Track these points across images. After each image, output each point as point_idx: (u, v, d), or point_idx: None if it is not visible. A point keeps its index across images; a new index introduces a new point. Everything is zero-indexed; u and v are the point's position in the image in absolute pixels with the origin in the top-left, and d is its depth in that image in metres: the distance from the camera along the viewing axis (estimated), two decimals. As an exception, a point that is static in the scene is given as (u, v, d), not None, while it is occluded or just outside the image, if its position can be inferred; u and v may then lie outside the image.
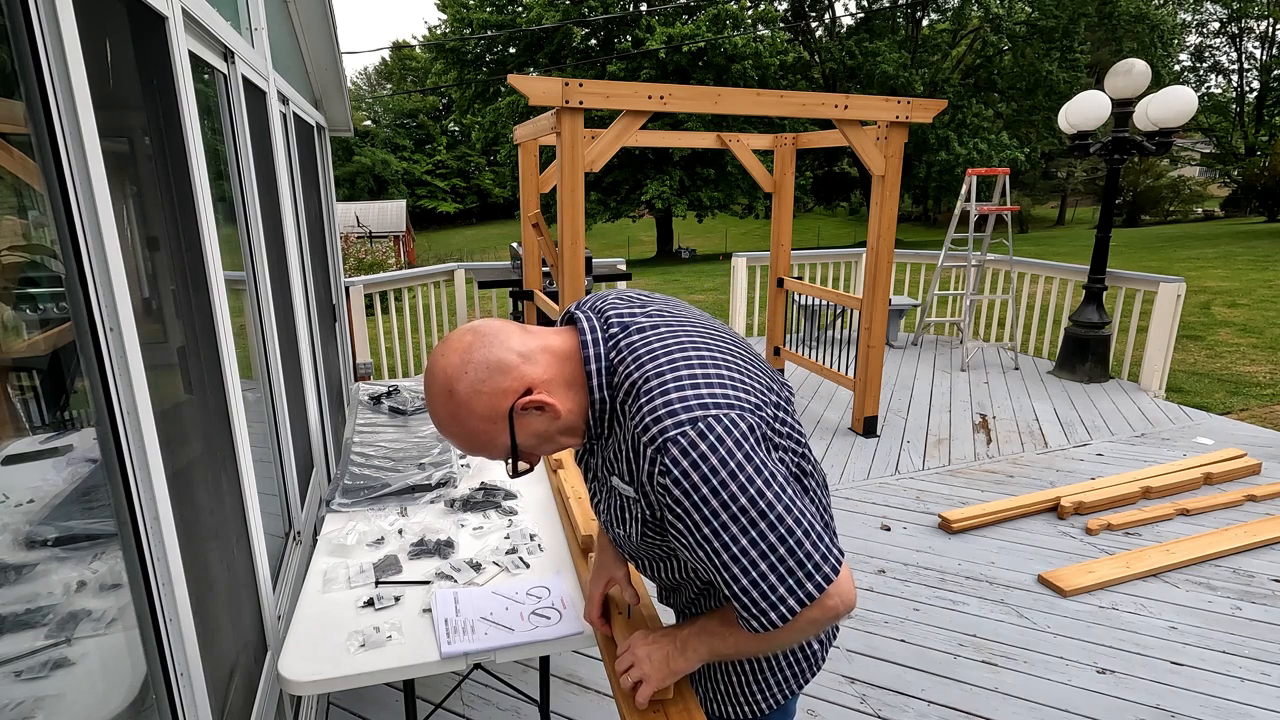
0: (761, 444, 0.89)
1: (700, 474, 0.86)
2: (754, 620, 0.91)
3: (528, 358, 0.93)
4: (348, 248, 14.17)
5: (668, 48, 20.95)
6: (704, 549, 0.90)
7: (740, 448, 0.86)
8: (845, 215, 39.68)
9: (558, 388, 0.95)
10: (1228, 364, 6.94)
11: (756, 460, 0.87)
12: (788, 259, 5.50)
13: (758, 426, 0.90)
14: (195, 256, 1.29)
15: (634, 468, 0.93)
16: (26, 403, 0.95)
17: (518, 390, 0.92)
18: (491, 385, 0.90)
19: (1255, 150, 27.26)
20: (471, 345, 0.91)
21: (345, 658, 1.31)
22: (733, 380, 0.92)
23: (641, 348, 0.94)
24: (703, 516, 0.87)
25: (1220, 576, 3.01)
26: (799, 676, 1.17)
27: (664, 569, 1.15)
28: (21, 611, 0.79)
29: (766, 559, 0.88)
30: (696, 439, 0.85)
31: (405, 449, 2.17)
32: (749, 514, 0.87)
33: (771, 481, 0.88)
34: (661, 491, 0.89)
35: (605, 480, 1.05)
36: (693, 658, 1.06)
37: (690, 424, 0.86)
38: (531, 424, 0.94)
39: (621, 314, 1.00)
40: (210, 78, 1.56)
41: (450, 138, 49.66)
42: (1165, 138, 5.17)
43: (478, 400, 0.90)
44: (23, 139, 0.77)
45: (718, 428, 0.86)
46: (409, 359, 5.81)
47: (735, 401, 0.89)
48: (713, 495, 0.86)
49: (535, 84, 3.35)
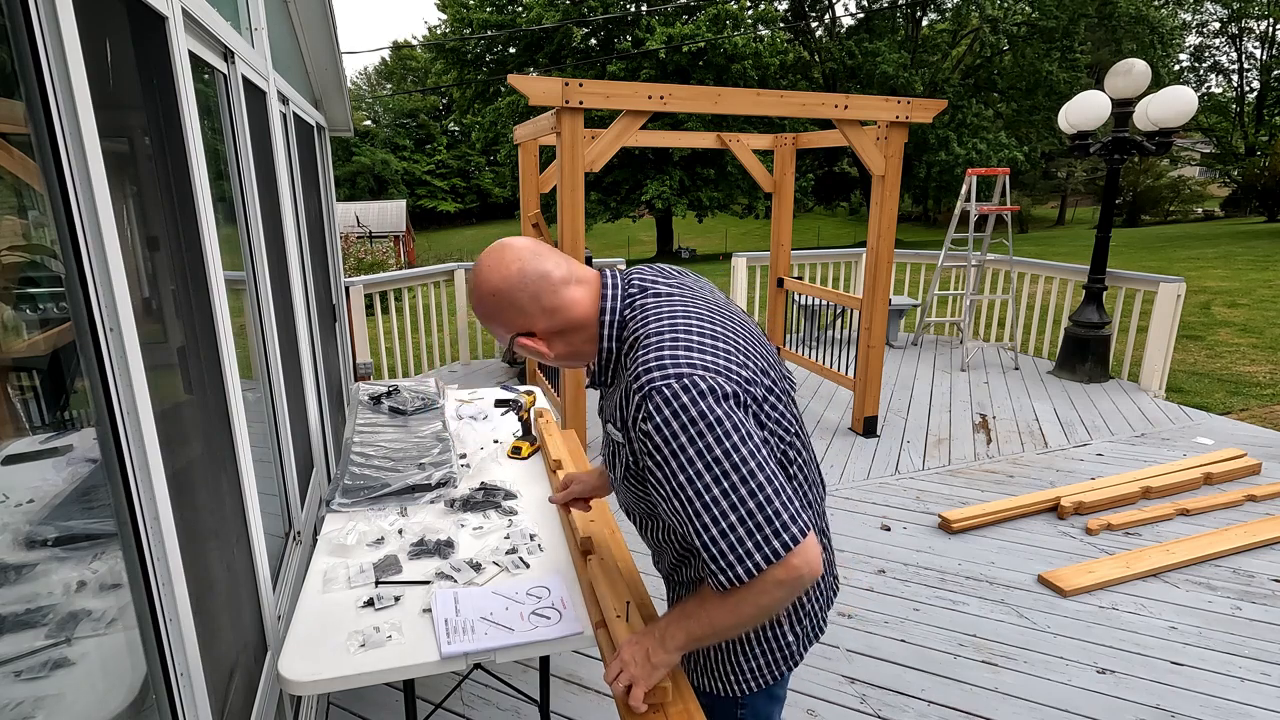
0: (741, 409, 0.96)
1: (680, 423, 0.93)
2: (722, 574, 0.95)
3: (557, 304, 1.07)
4: (348, 248, 14.18)
5: (668, 48, 20.94)
6: (678, 498, 0.96)
7: (720, 405, 0.93)
8: (845, 215, 39.67)
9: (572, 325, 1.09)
10: (1228, 364, 6.94)
11: (735, 419, 0.94)
12: (788, 259, 5.50)
13: (741, 394, 0.97)
14: (195, 256, 1.29)
15: (624, 414, 1.02)
16: (26, 403, 0.95)
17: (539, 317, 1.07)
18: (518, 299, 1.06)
19: (1255, 150, 27.23)
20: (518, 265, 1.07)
21: (345, 658, 1.31)
22: (727, 352, 0.99)
23: (652, 309, 1.05)
24: (679, 464, 0.94)
25: (1220, 576, 3.01)
26: (772, 666, 1.19)
27: (649, 529, 1.22)
28: (21, 611, 0.79)
29: (736, 511, 0.93)
30: (680, 391, 0.93)
31: (405, 449, 2.17)
32: (722, 465, 0.92)
33: (747, 440, 0.94)
34: (643, 437, 0.97)
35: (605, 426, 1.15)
36: (672, 646, 1.08)
37: (677, 378, 0.94)
38: (539, 344, 1.09)
39: (645, 279, 1.12)
40: (210, 78, 1.56)
41: (450, 137, 49.57)
42: (1165, 138, 5.18)
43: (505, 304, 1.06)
44: (23, 139, 0.77)
45: (702, 384, 0.94)
46: (409, 359, 5.81)
47: (724, 369, 0.97)
48: (689, 444, 0.93)
49: (535, 84, 3.35)
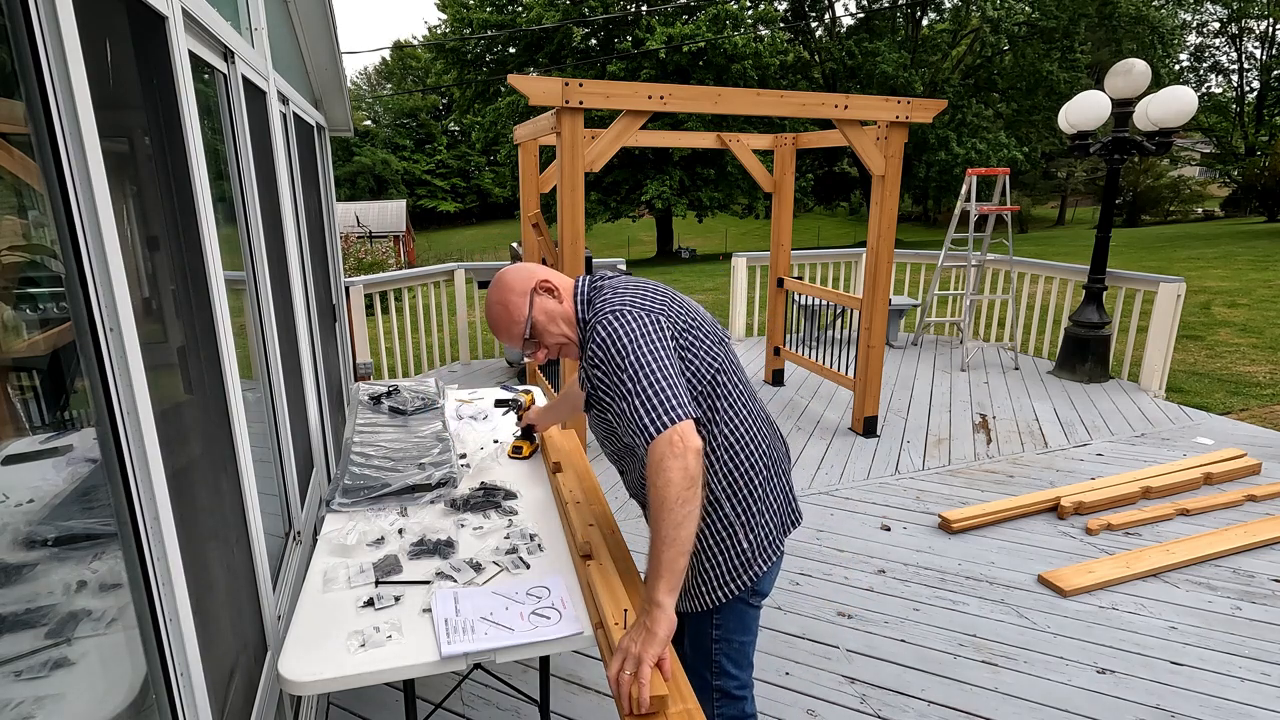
0: (658, 329, 1.33)
1: (615, 337, 1.31)
2: (642, 434, 1.25)
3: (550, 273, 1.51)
4: (348, 248, 14.16)
5: (668, 48, 20.93)
6: (610, 395, 1.33)
7: (644, 327, 1.32)
8: (845, 215, 39.66)
9: (564, 294, 1.48)
10: (1228, 364, 6.94)
11: (654, 337, 1.32)
12: (788, 259, 5.50)
13: (661, 320, 1.35)
14: (195, 256, 1.29)
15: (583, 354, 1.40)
16: (26, 403, 0.95)
17: (540, 278, 1.48)
18: (527, 273, 1.49)
19: (1255, 150, 27.22)
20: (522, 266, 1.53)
21: (345, 658, 1.31)
22: (657, 303, 1.40)
23: (608, 285, 1.48)
24: (611, 368, 1.31)
25: (1220, 576, 3.01)
26: (734, 575, 1.46)
27: (612, 446, 1.55)
28: (21, 611, 0.79)
29: (642, 396, 1.27)
30: (614, 319, 1.33)
31: (405, 449, 2.17)
32: (645, 365, 1.28)
33: (659, 347, 1.31)
34: (591, 360, 1.35)
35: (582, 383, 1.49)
36: (659, 597, 1.20)
37: (614, 313, 1.34)
38: (544, 302, 1.46)
39: (607, 275, 1.53)
40: (210, 78, 1.56)
41: (450, 137, 49.54)
42: (1165, 138, 5.17)
43: (517, 281, 1.48)
44: (23, 139, 0.76)
45: (629, 314, 1.34)
46: (409, 359, 5.81)
47: (649, 308, 1.37)
48: (616, 354, 1.30)
49: (535, 84, 3.35)
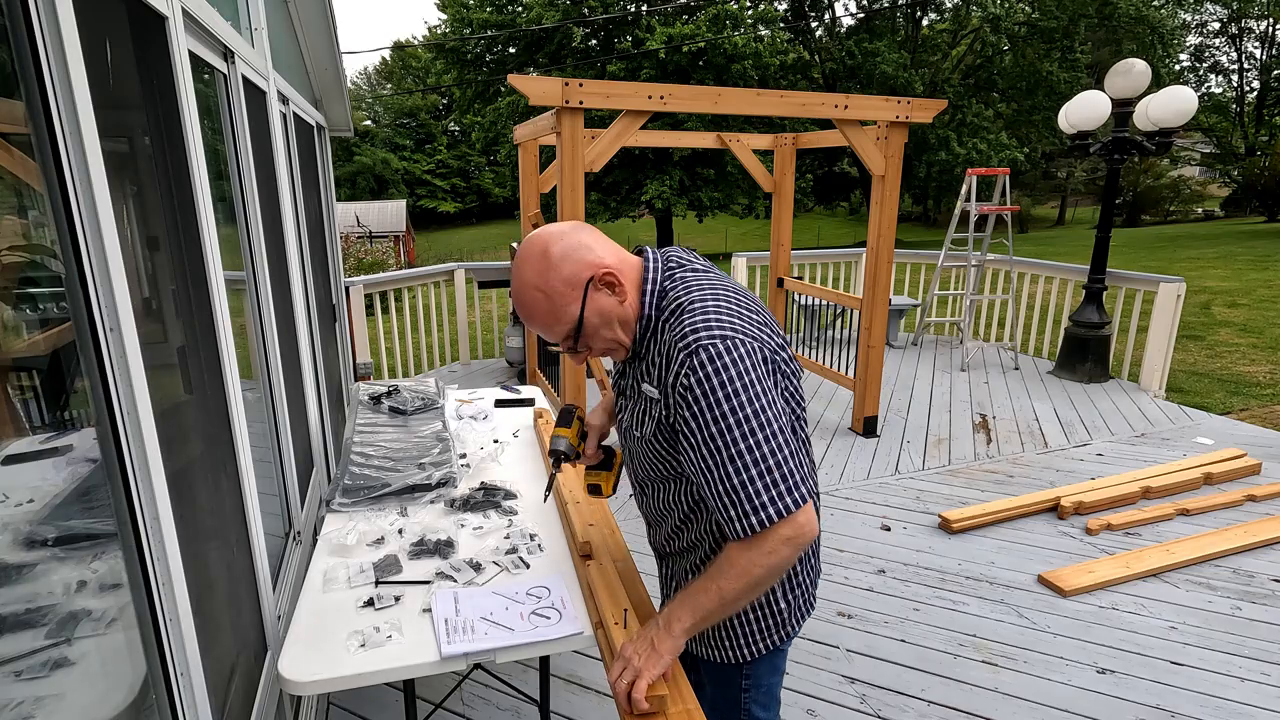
0: (772, 373, 1.07)
1: (720, 379, 1.02)
2: (739, 522, 1.04)
3: (611, 252, 1.14)
4: (348, 248, 14.17)
5: (668, 48, 20.91)
6: (708, 447, 1.04)
7: (757, 369, 1.04)
8: (845, 215, 39.65)
9: (627, 281, 1.14)
10: (1228, 364, 6.94)
11: (766, 382, 1.05)
12: (788, 259, 5.50)
13: (772, 357, 1.08)
14: (195, 256, 1.29)
15: (664, 372, 1.10)
16: (26, 403, 0.95)
17: (598, 266, 1.11)
18: (579, 255, 1.10)
19: (1255, 150, 27.21)
20: (569, 230, 1.13)
21: (345, 658, 1.31)
22: (757, 322, 1.10)
23: (692, 280, 1.15)
24: (713, 416, 1.03)
25: (1220, 576, 3.01)
26: (768, 633, 1.26)
27: (659, 495, 1.28)
28: (21, 611, 0.79)
29: (758, 465, 1.02)
30: (724, 350, 1.03)
31: (405, 449, 2.17)
32: (751, 423, 1.02)
33: (774, 403, 1.05)
34: (683, 390, 1.05)
35: (634, 392, 1.22)
36: (677, 629, 1.10)
37: (722, 338, 1.04)
38: (600, 301, 1.12)
39: (681, 258, 1.21)
40: (210, 78, 1.56)
41: (450, 137, 49.53)
42: (1165, 138, 5.17)
43: (566, 264, 1.09)
44: (23, 139, 0.76)
45: (742, 347, 1.04)
46: (409, 359, 5.81)
47: (759, 336, 1.08)
48: (725, 400, 1.02)
49: (535, 84, 3.35)
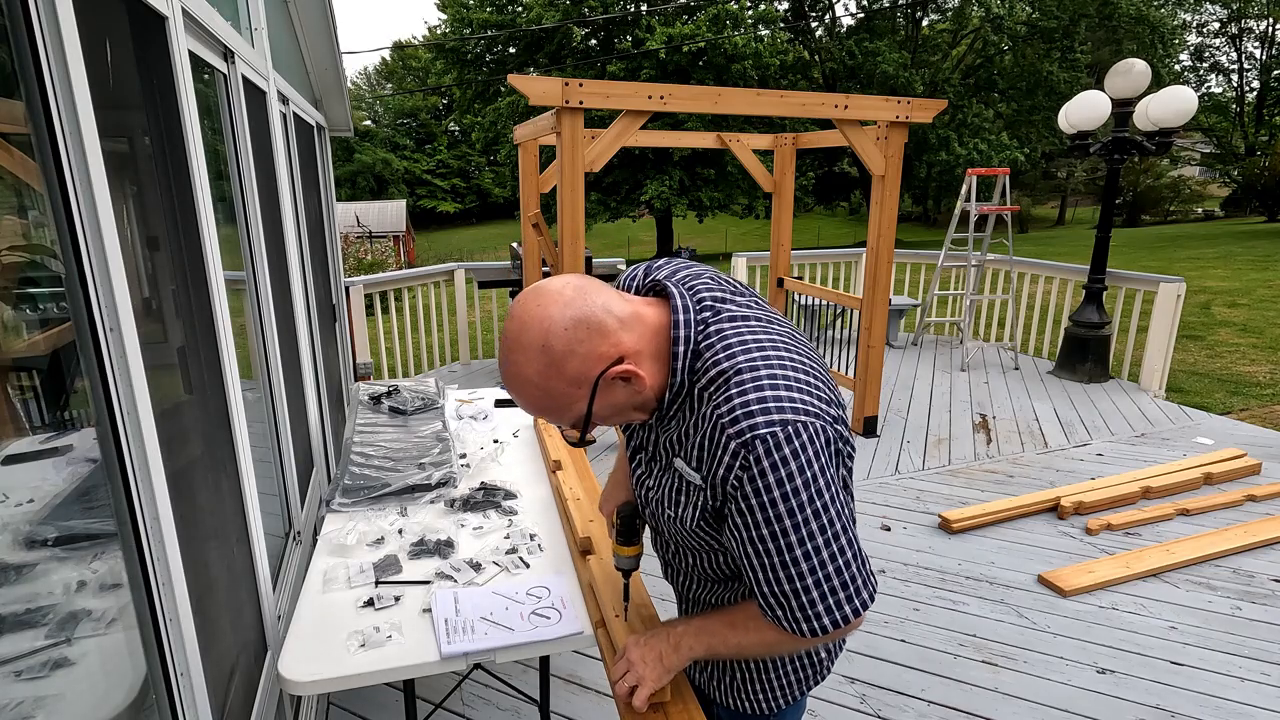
0: (834, 459, 0.90)
1: (778, 476, 0.86)
2: (788, 624, 0.93)
3: (625, 324, 0.90)
4: (348, 248, 14.17)
5: (668, 48, 20.91)
6: (758, 548, 0.90)
7: (819, 459, 0.87)
8: (845, 215, 39.65)
9: (646, 360, 0.92)
10: (1228, 364, 6.94)
11: (829, 475, 0.88)
12: (788, 259, 5.50)
13: (834, 440, 0.90)
14: (195, 256, 1.29)
15: (707, 455, 0.92)
16: (26, 403, 0.95)
17: (611, 357, 0.88)
18: (588, 347, 0.87)
19: (1255, 150, 27.22)
20: (573, 300, 0.87)
21: (345, 658, 1.31)
22: (816, 387, 0.91)
23: (733, 336, 0.92)
24: (766, 517, 0.87)
25: (1220, 576, 3.01)
26: (806, 681, 1.17)
27: (691, 559, 1.13)
28: (21, 611, 0.79)
29: (815, 574, 0.89)
30: (784, 441, 0.85)
31: (405, 449, 2.17)
32: (810, 526, 0.87)
33: (837, 499, 0.89)
34: (735, 484, 0.88)
35: (663, 459, 1.03)
36: (686, 655, 1.06)
37: (781, 425, 0.85)
38: (614, 394, 0.91)
39: (715, 296, 0.97)
40: (210, 78, 1.56)
41: (451, 137, 49.55)
42: (1165, 138, 5.17)
43: (571, 360, 0.86)
44: (23, 139, 0.76)
45: (804, 434, 0.86)
46: (409, 359, 5.81)
47: (821, 411, 0.89)
48: (783, 500, 0.86)
49: (535, 84, 3.35)
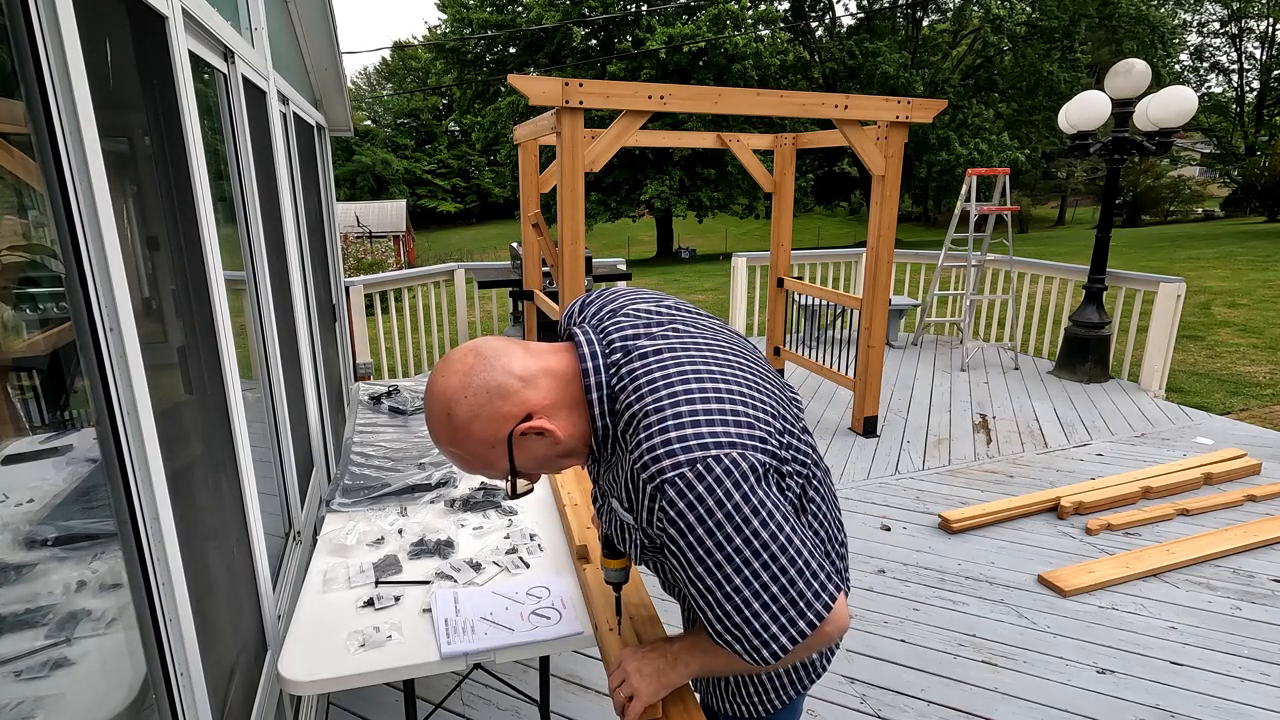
0: (762, 482, 0.87)
1: (695, 515, 0.85)
2: (747, 655, 0.91)
3: (529, 381, 0.91)
4: (348, 248, 14.17)
5: (668, 48, 20.92)
6: (698, 586, 0.89)
7: (739, 489, 0.85)
8: (845, 215, 39.64)
9: (559, 412, 0.93)
10: (1228, 364, 6.94)
11: (754, 501, 0.86)
12: (788, 259, 5.50)
13: (759, 465, 0.88)
14: (195, 256, 1.29)
15: (634, 500, 0.92)
16: (26, 403, 0.95)
17: (517, 416, 0.91)
18: (491, 410, 0.89)
19: (1255, 150, 27.21)
20: (472, 368, 0.90)
21: (345, 658, 1.31)
22: (736, 413, 0.89)
23: (643, 376, 0.91)
24: (697, 556, 0.87)
25: (1220, 576, 3.01)
26: (797, 683, 1.18)
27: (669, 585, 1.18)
28: (21, 611, 0.80)
29: (759, 598, 0.87)
30: (694, 480, 0.84)
31: (405, 449, 2.17)
32: (743, 554, 0.86)
33: (769, 521, 0.87)
34: (660, 527, 0.89)
35: (607, 498, 1.05)
36: (683, 671, 1.07)
37: (689, 465, 0.84)
38: (531, 448, 0.93)
39: (625, 335, 0.96)
40: (210, 78, 1.56)
41: (451, 137, 49.55)
42: (1165, 138, 5.17)
43: (476, 424, 0.90)
44: (23, 139, 0.77)
45: (716, 469, 0.85)
46: (409, 359, 5.81)
47: (737, 439, 0.87)
48: (707, 536, 0.85)
49: (535, 84, 3.35)
